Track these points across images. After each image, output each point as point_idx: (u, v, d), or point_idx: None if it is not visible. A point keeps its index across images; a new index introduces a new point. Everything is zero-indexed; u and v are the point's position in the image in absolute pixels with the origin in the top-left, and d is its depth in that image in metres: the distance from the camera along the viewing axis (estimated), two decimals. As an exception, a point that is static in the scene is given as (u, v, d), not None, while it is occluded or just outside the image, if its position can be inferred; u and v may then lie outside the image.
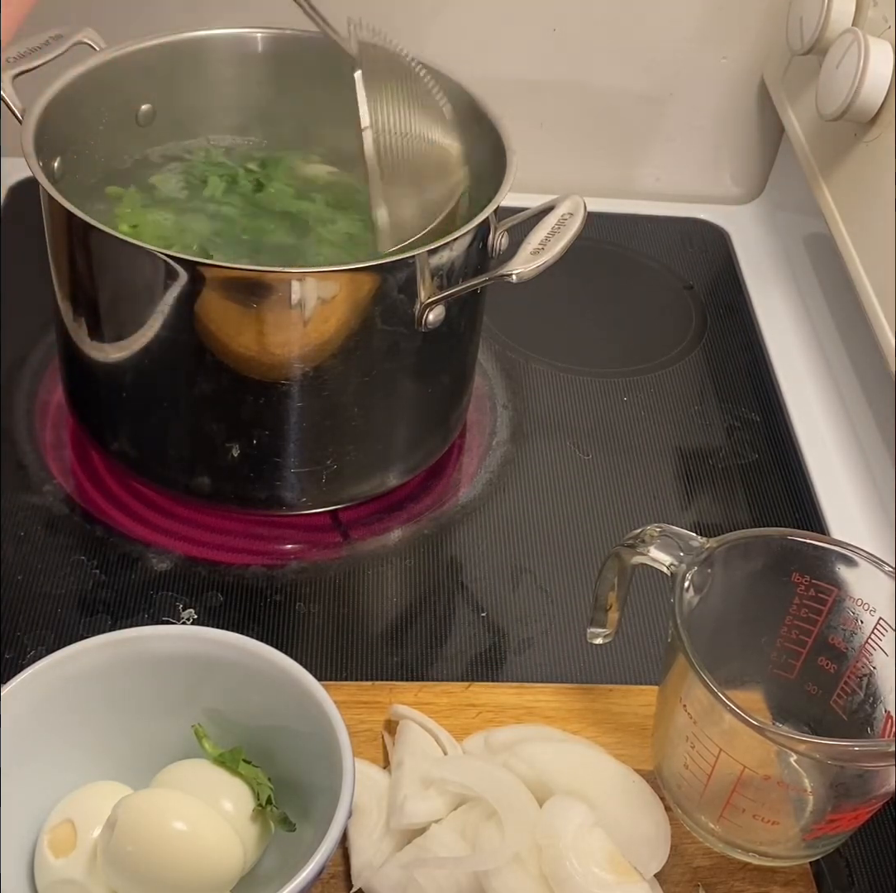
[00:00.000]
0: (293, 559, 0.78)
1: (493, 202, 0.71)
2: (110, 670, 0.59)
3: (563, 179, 1.02)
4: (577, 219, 0.71)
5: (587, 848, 0.59)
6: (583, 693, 0.70)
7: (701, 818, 0.63)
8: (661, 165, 1.15)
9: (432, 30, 1.03)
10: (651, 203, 1.14)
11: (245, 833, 0.57)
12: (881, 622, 0.62)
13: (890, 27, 0.85)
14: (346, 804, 0.54)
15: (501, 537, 0.81)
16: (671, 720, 0.62)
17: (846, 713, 0.64)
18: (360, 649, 0.74)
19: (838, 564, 0.63)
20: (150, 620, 0.73)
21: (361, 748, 0.64)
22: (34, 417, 0.85)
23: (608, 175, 1.14)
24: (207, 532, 0.79)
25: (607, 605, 0.67)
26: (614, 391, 0.94)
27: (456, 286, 0.71)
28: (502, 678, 0.73)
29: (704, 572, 0.61)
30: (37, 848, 0.58)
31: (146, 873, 0.55)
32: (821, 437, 0.91)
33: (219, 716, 0.61)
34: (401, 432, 0.79)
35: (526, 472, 0.86)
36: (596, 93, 1.09)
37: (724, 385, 0.96)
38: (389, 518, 0.82)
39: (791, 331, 1.01)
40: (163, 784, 0.59)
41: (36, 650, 0.70)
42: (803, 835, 0.61)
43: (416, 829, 0.61)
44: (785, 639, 0.65)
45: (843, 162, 0.90)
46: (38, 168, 0.68)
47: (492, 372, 0.94)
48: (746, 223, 1.13)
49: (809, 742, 0.58)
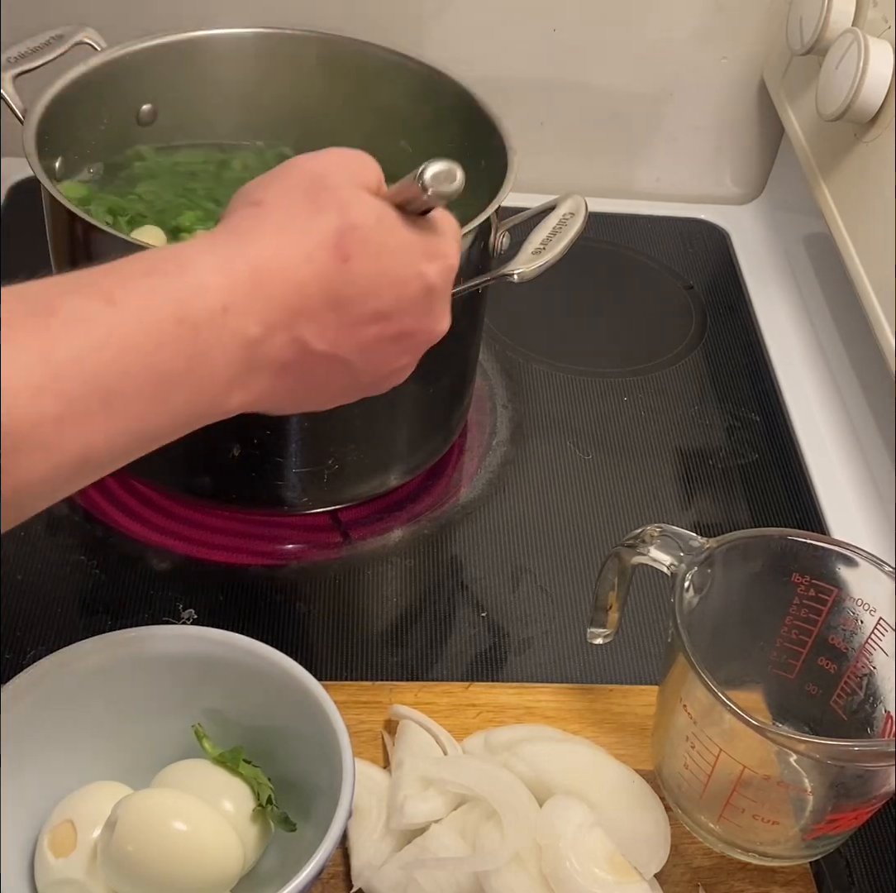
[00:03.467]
0: (293, 559, 0.78)
1: (494, 202, 0.71)
2: (110, 670, 0.59)
3: (563, 179, 1.02)
4: (579, 219, 0.71)
5: (587, 848, 0.59)
6: (583, 693, 0.70)
7: (701, 818, 0.63)
8: (661, 165, 1.15)
9: (432, 30, 1.03)
10: (651, 203, 1.14)
11: (245, 833, 0.57)
12: (881, 622, 0.62)
13: (890, 27, 0.85)
14: (346, 804, 0.54)
15: (501, 537, 0.81)
16: (671, 720, 0.62)
17: (846, 713, 0.64)
18: (360, 649, 0.74)
19: (838, 564, 0.63)
20: (150, 620, 0.72)
21: (361, 748, 0.64)
22: (34, 416, 0.85)
23: (608, 175, 1.14)
24: (207, 532, 0.79)
25: (607, 605, 0.67)
26: (614, 391, 0.94)
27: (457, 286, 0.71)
28: (502, 678, 0.73)
29: (704, 572, 0.61)
30: (37, 848, 0.58)
31: (146, 873, 0.55)
32: (821, 437, 0.91)
33: (219, 716, 0.61)
34: (402, 433, 0.79)
35: (526, 472, 0.86)
36: (596, 93, 1.09)
37: (724, 385, 0.96)
38: (389, 518, 0.82)
39: (791, 331, 1.01)
40: (163, 784, 0.59)
41: (36, 650, 0.70)
42: (803, 835, 0.61)
43: (416, 829, 0.61)
44: (785, 639, 0.65)
45: (843, 162, 0.90)
46: (40, 168, 0.68)
47: (492, 372, 0.94)
48: (746, 223, 1.13)
49: (809, 742, 0.58)
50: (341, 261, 0.49)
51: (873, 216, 0.84)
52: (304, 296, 0.48)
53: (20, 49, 0.75)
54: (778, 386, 0.95)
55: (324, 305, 0.49)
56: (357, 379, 0.54)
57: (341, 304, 0.50)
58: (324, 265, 0.49)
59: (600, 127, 1.11)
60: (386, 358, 0.54)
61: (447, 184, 0.50)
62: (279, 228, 0.48)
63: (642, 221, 1.12)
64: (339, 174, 0.51)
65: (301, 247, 0.48)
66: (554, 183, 0.92)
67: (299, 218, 0.49)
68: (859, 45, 0.83)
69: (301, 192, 0.50)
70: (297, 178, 0.51)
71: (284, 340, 0.48)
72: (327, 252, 0.49)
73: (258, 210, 0.50)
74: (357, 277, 0.50)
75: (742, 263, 1.08)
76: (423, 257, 0.52)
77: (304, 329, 0.49)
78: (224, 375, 0.46)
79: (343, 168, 0.52)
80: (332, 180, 0.51)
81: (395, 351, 0.54)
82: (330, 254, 0.49)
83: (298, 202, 0.50)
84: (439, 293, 0.54)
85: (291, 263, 0.48)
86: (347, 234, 0.49)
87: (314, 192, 0.50)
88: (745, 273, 1.07)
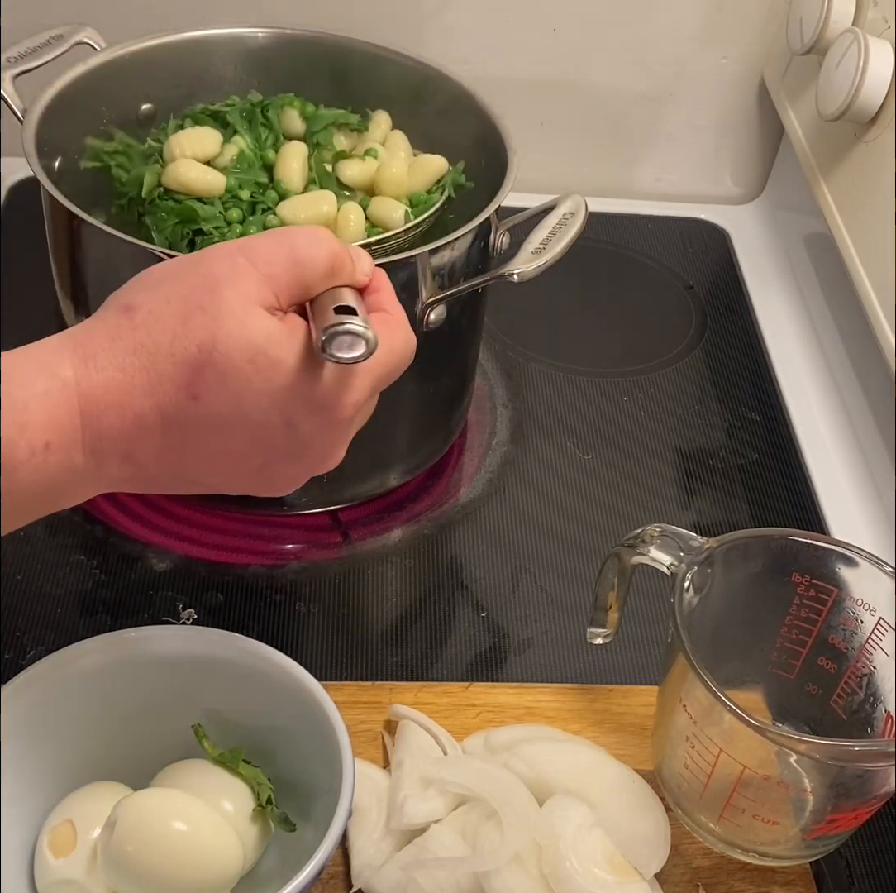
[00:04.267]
0: (293, 559, 0.78)
1: (493, 202, 0.71)
2: (110, 670, 0.59)
3: (563, 179, 1.02)
4: (579, 218, 0.71)
5: (587, 848, 0.59)
6: (583, 693, 0.70)
7: (701, 818, 0.63)
8: (661, 165, 1.15)
9: (432, 30, 1.03)
10: (651, 203, 1.14)
11: (245, 833, 0.57)
12: (881, 622, 0.62)
13: (890, 27, 0.85)
14: (346, 804, 0.54)
15: (501, 537, 0.81)
16: (671, 720, 0.62)
17: (846, 713, 0.64)
18: (360, 649, 0.74)
19: (838, 564, 0.63)
20: (150, 620, 0.73)
21: (361, 749, 0.64)
22: (34, 416, 0.85)
23: (608, 175, 1.14)
24: (207, 532, 0.79)
25: (607, 605, 0.67)
26: (614, 391, 0.94)
27: (457, 286, 0.71)
28: (502, 678, 0.73)
29: (704, 572, 0.61)
30: (37, 848, 0.58)
31: (146, 873, 0.55)
32: (821, 437, 0.91)
33: (219, 716, 0.61)
34: (402, 433, 0.79)
35: (526, 472, 0.86)
36: (596, 93, 1.09)
37: (724, 385, 0.96)
38: (389, 518, 0.82)
39: (791, 331, 1.01)
40: (163, 783, 0.59)
41: (36, 650, 0.70)
42: (803, 835, 0.61)
43: (416, 829, 0.61)
44: (785, 639, 0.65)
45: (843, 162, 0.90)
46: (40, 168, 0.68)
47: (492, 372, 0.94)
48: (746, 223, 1.13)
49: (809, 742, 0.58)
50: (190, 399, 0.46)
51: (873, 216, 0.84)
52: (142, 428, 0.46)
53: (20, 49, 0.75)
54: (778, 386, 0.95)
55: (164, 437, 0.46)
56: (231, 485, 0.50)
57: (186, 437, 0.47)
58: (169, 399, 0.46)
59: (600, 127, 1.11)
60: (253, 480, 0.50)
61: (348, 351, 0.45)
62: (132, 351, 0.45)
63: (642, 221, 1.12)
64: (233, 287, 0.46)
65: (147, 376, 0.45)
66: (554, 183, 0.92)
67: (160, 342, 0.46)
68: (859, 44, 0.83)
69: (178, 304, 0.46)
70: (184, 283, 0.47)
71: (117, 463, 0.47)
72: (175, 387, 0.46)
73: (123, 320, 0.46)
74: (206, 416, 0.46)
75: (742, 263, 1.08)
76: (303, 407, 0.48)
77: (139, 454, 0.47)
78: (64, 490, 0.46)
79: (245, 278, 0.47)
80: (220, 295, 0.46)
81: (262, 479, 0.51)
82: (179, 389, 0.46)
83: (168, 319, 0.46)
84: (316, 446, 0.50)
85: (132, 395, 0.45)
86: (204, 371, 0.46)
87: (190, 308, 0.46)
88: (745, 273, 1.07)
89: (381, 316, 0.51)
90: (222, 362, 0.46)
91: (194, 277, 0.47)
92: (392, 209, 0.75)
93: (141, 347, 0.46)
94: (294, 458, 0.50)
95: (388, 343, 0.50)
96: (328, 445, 0.51)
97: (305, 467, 0.51)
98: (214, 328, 0.46)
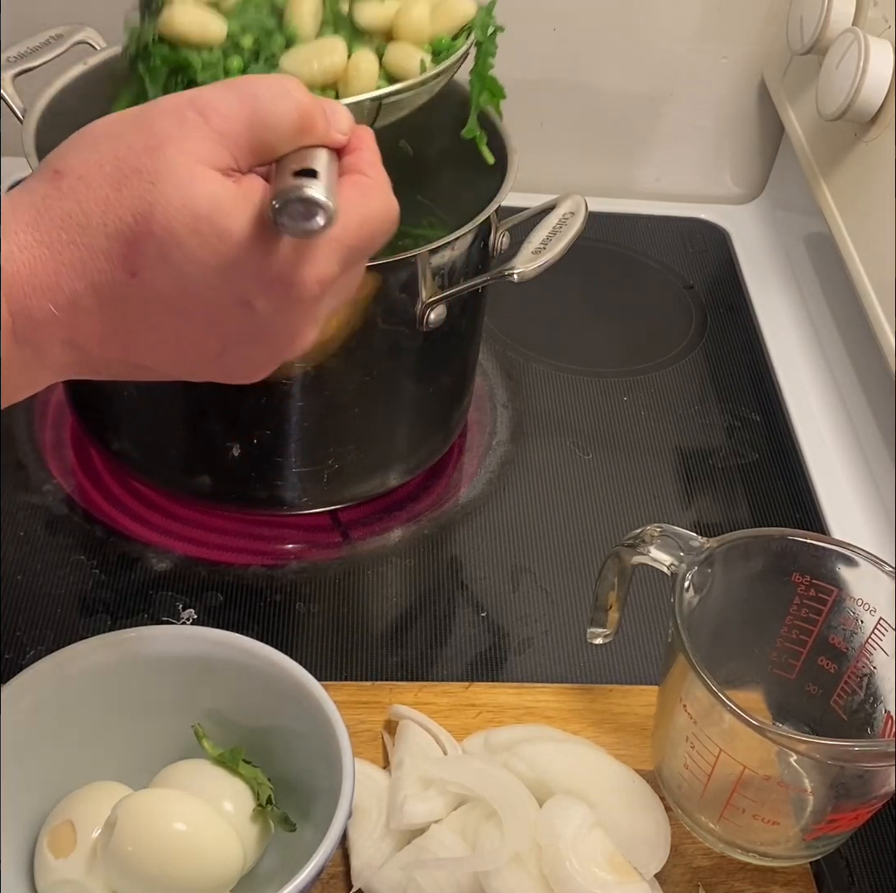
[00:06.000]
0: (293, 559, 0.78)
1: (494, 202, 0.71)
2: (110, 670, 0.59)
3: (563, 179, 1.02)
4: (579, 218, 0.71)
5: (587, 848, 0.59)
6: (583, 693, 0.70)
7: (701, 818, 0.63)
8: (661, 165, 1.15)
9: (432, 30, 1.03)
10: (651, 203, 1.14)
11: (245, 833, 0.57)
12: (881, 622, 0.62)
13: (890, 27, 0.85)
14: (346, 804, 0.54)
15: (501, 537, 0.81)
16: (671, 720, 0.62)
17: (846, 713, 0.64)
18: (360, 649, 0.74)
19: (838, 564, 0.63)
20: (150, 620, 0.73)
21: (361, 748, 0.64)
22: (34, 416, 0.85)
23: (608, 175, 1.14)
24: (207, 532, 0.79)
25: (607, 605, 0.67)
26: (614, 391, 0.94)
27: (457, 286, 0.71)
28: (502, 678, 0.73)
29: (704, 572, 0.61)
30: (37, 848, 0.58)
31: (146, 873, 0.55)
32: (821, 437, 0.91)
33: (219, 716, 0.61)
34: (402, 432, 0.79)
35: (526, 472, 0.86)
36: (596, 93, 1.09)
37: (724, 385, 0.96)
38: (389, 518, 0.82)
39: (791, 331, 1.01)
40: (163, 784, 0.59)
41: (36, 650, 0.70)
42: (803, 835, 0.61)
43: (416, 829, 0.61)
44: (785, 639, 0.65)
45: (843, 162, 0.90)
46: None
47: (492, 372, 0.94)
48: (746, 223, 1.13)
49: (809, 742, 0.58)
50: (128, 275, 0.41)
51: (873, 216, 0.84)
52: (77, 310, 0.41)
53: (20, 49, 0.75)
54: (778, 386, 0.95)
55: (104, 319, 0.42)
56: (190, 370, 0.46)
57: (129, 319, 0.42)
58: (104, 277, 0.41)
59: (600, 127, 1.11)
60: (213, 367, 0.46)
61: (302, 221, 0.40)
62: (59, 224, 0.40)
63: (642, 221, 1.12)
64: (178, 146, 0.41)
65: (78, 252, 0.40)
66: (554, 183, 0.92)
67: (90, 213, 0.40)
68: (859, 44, 0.83)
69: (113, 167, 0.41)
70: (122, 142, 0.41)
71: (60, 350, 0.42)
72: (110, 262, 0.41)
73: (50, 189, 0.41)
74: (149, 294, 0.41)
75: (742, 262, 1.08)
76: (256, 284, 0.43)
77: (81, 339, 0.42)
78: (12, 377, 0.42)
79: (193, 135, 0.41)
80: (161, 156, 0.40)
81: (223, 366, 0.46)
82: (114, 265, 0.41)
83: (101, 185, 0.40)
84: (278, 327, 0.45)
85: (61, 275, 0.40)
86: (142, 243, 0.40)
87: (126, 171, 0.40)
88: (745, 273, 1.07)
89: (354, 179, 0.45)
90: (161, 232, 0.40)
91: (135, 134, 0.41)
92: (408, 56, 0.66)
93: (69, 218, 0.40)
94: (254, 341, 0.45)
95: (359, 211, 0.44)
96: (292, 325, 0.45)
97: (271, 352, 0.46)
98: (153, 194, 0.40)
